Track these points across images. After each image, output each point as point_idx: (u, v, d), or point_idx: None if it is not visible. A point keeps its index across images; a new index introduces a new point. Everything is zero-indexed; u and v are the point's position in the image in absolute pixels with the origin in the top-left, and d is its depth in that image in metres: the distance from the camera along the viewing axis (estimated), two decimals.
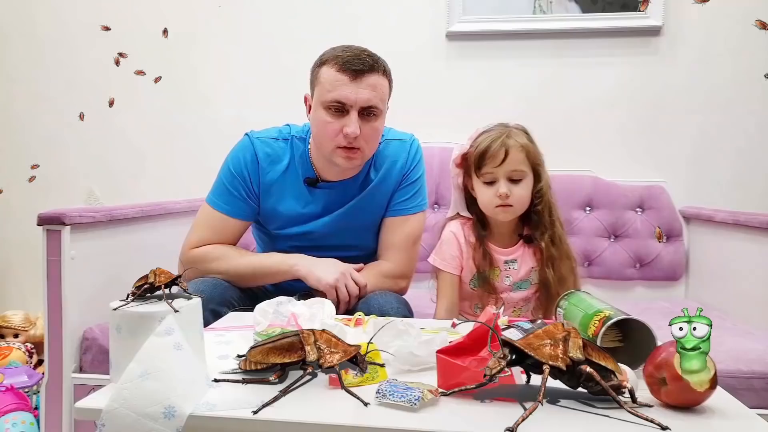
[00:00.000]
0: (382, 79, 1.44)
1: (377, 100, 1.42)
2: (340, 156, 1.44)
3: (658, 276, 2.15)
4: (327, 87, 1.41)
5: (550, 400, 0.80)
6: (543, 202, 1.47)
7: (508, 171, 1.42)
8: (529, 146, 1.45)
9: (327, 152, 1.46)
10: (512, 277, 1.49)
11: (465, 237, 1.51)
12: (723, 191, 2.23)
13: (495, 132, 1.45)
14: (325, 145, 1.45)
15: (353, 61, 1.39)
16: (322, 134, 1.45)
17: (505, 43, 2.33)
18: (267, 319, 1.17)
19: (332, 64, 1.41)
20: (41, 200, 2.51)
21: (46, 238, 1.58)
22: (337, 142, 1.42)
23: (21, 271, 2.62)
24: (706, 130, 2.25)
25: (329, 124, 1.42)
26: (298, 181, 1.54)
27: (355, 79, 1.39)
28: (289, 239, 1.57)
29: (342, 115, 1.41)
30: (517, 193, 1.42)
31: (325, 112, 1.42)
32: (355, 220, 1.56)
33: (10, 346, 2.24)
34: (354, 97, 1.39)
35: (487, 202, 1.44)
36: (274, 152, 1.55)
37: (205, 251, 1.53)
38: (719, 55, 2.22)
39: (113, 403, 0.77)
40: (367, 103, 1.41)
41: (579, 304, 1.02)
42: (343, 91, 1.39)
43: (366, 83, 1.40)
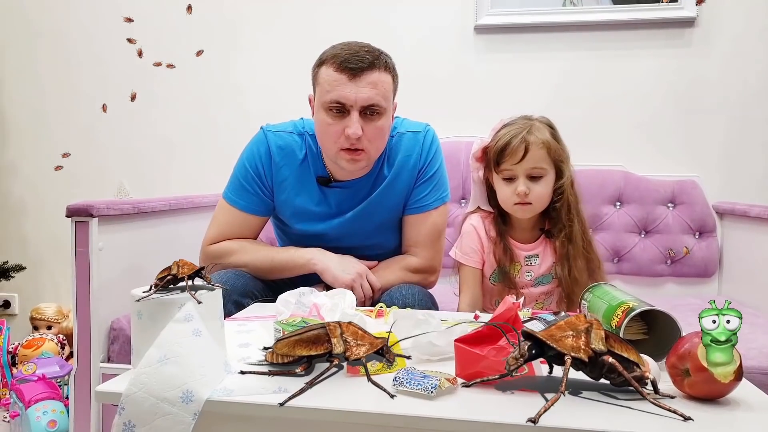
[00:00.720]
0: (383, 75, 1.38)
1: (379, 98, 1.37)
2: (344, 158, 1.41)
3: (690, 273, 2.10)
4: (326, 87, 1.37)
5: (572, 391, 0.78)
6: (562, 200, 1.42)
7: (527, 168, 1.37)
8: (551, 143, 1.39)
9: (331, 154, 1.43)
10: (533, 272, 1.46)
11: (486, 231, 1.48)
12: (758, 186, 2.17)
13: (516, 126, 1.40)
14: (329, 147, 1.42)
15: (351, 59, 1.34)
16: (325, 136, 1.42)
17: (534, 36, 2.30)
18: (289, 309, 1.17)
19: (330, 63, 1.37)
20: (74, 194, 2.57)
21: (74, 229, 1.61)
22: (340, 144, 1.39)
23: (55, 264, 2.68)
24: (740, 124, 2.19)
25: (330, 126, 1.38)
26: (311, 179, 1.52)
27: (354, 77, 1.34)
28: (304, 238, 1.56)
29: (343, 116, 1.37)
30: (537, 192, 1.38)
31: (326, 114, 1.38)
32: (369, 219, 1.53)
33: (42, 337, 2.30)
34: (354, 97, 1.35)
35: (506, 199, 1.41)
36: (287, 145, 1.52)
37: (223, 246, 1.53)
38: (754, 47, 2.16)
39: (132, 387, 0.78)
40: (367, 102, 1.36)
41: (603, 296, 1.00)
42: (342, 91, 1.35)
43: (366, 81, 1.35)
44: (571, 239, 1.42)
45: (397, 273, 1.51)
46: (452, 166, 2.18)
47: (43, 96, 2.66)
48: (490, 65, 2.33)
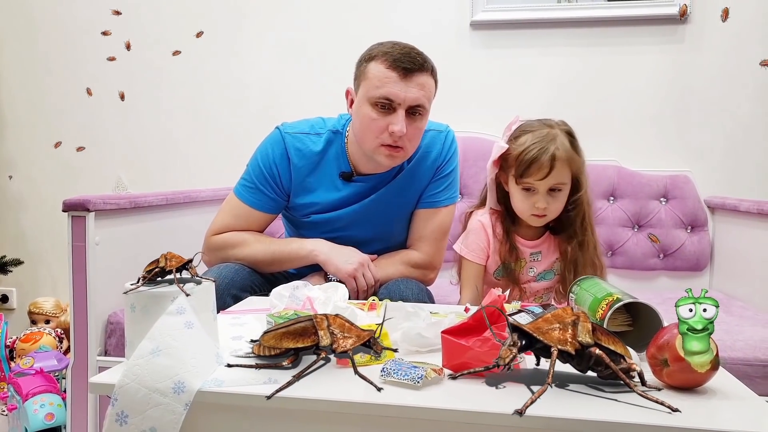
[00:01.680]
0: (430, 79, 1.42)
1: (425, 99, 1.40)
2: (383, 154, 1.42)
3: (682, 266, 2.12)
4: (375, 83, 1.38)
5: (559, 383, 0.79)
6: (577, 210, 1.42)
7: (550, 184, 1.36)
8: (574, 157, 1.37)
9: (370, 148, 1.44)
10: (536, 268, 1.47)
11: (493, 228, 1.48)
12: (750, 181, 2.18)
13: (540, 137, 1.36)
14: (369, 141, 1.43)
15: (404, 59, 1.37)
16: (367, 130, 1.42)
17: (529, 32, 2.31)
18: (282, 302, 1.19)
19: (382, 60, 1.38)
20: (72, 188, 2.59)
21: (71, 224, 1.63)
22: (382, 139, 1.40)
23: (53, 258, 2.70)
24: (732, 119, 2.20)
25: (375, 121, 1.39)
26: (333, 175, 1.53)
27: (405, 77, 1.37)
28: (315, 226, 1.57)
29: (389, 112, 1.38)
30: (554, 207, 1.38)
31: (372, 108, 1.39)
32: (383, 209, 1.54)
33: (41, 331, 2.31)
34: (403, 95, 1.37)
35: (523, 209, 1.40)
36: (306, 147, 1.53)
37: (227, 237, 1.54)
38: (745, 43, 2.17)
39: (125, 379, 0.79)
40: (415, 102, 1.38)
41: (590, 289, 1.02)
42: (393, 89, 1.37)
43: (416, 82, 1.38)
44: (582, 246, 1.42)
45: (397, 266, 1.53)
46: None
47: (41, 90, 2.67)
48: (486, 61, 2.34)
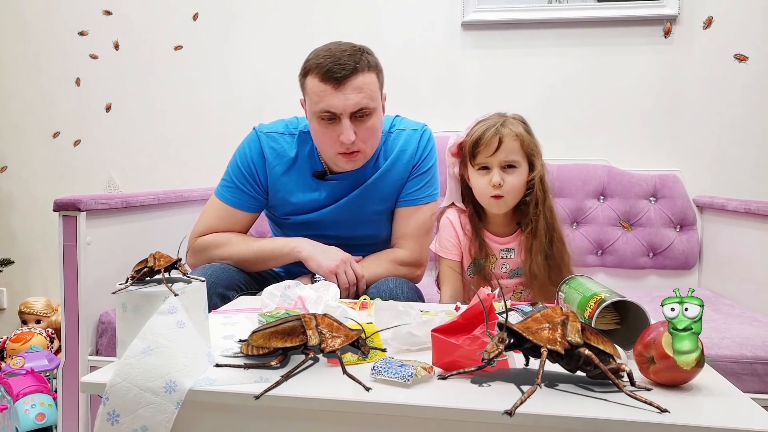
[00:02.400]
0: (367, 76, 1.41)
1: (366, 100, 1.40)
2: (342, 160, 1.47)
3: (671, 265, 2.13)
4: (315, 99, 1.40)
5: (549, 383, 0.79)
6: (533, 194, 1.44)
7: (501, 160, 1.40)
8: (524, 136, 1.42)
9: (329, 157, 1.49)
10: (509, 264, 1.49)
11: (462, 225, 1.51)
12: (738, 180, 2.21)
13: (490, 120, 1.44)
14: (326, 151, 1.48)
15: (334, 68, 1.37)
16: (320, 143, 1.48)
17: (520, 33, 2.32)
18: (274, 302, 1.19)
19: (315, 74, 1.39)
20: (63, 188, 2.58)
21: (62, 223, 1.62)
22: (336, 149, 1.44)
23: (43, 258, 2.69)
24: (720, 120, 2.22)
25: (324, 134, 1.43)
26: (307, 175, 1.56)
27: (339, 86, 1.37)
28: (297, 227, 1.59)
29: (334, 123, 1.41)
30: (510, 183, 1.40)
31: (318, 123, 1.43)
32: (362, 207, 1.56)
33: (31, 331, 2.31)
34: (342, 105, 1.38)
35: (481, 191, 1.43)
36: (280, 147, 1.56)
37: (211, 238, 1.57)
38: (734, 44, 2.19)
39: (117, 378, 0.79)
40: (356, 108, 1.39)
41: (578, 288, 1.03)
42: (330, 101, 1.38)
43: (351, 88, 1.38)
44: (535, 234, 1.43)
45: (384, 265, 1.54)
46: (439, 162, 2.20)
47: (32, 90, 2.66)
48: (477, 61, 2.36)
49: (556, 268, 1.44)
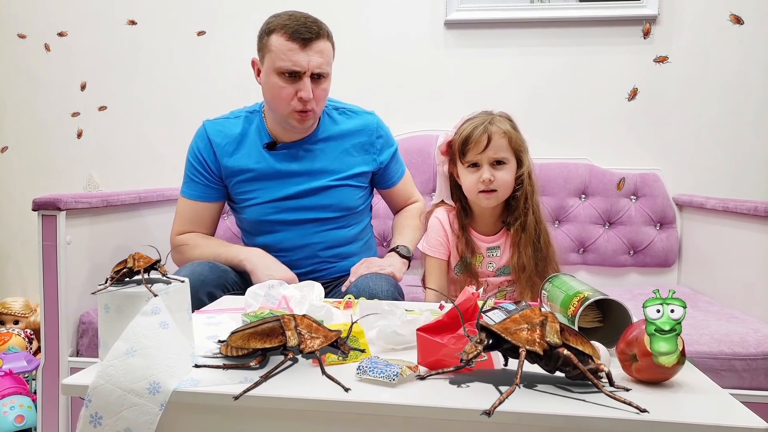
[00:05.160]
0: (327, 44, 1.54)
1: (326, 65, 1.53)
2: (295, 118, 1.55)
3: (652, 263, 2.16)
4: (280, 55, 1.50)
5: (527, 384, 0.80)
6: (521, 189, 1.49)
7: (491, 157, 1.44)
8: (512, 133, 1.47)
9: (282, 115, 1.56)
10: (495, 263, 1.51)
11: (450, 224, 1.53)
12: (717, 179, 2.24)
13: (478, 118, 1.48)
14: (281, 108, 1.55)
15: (302, 30, 1.49)
16: (278, 98, 1.54)
17: (503, 32, 2.33)
18: (258, 301, 1.19)
19: (281, 33, 1.50)
20: (41, 186, 2.54)
21: (41, 223, 1.60)
22: (292, 106, 1.53)
23: (21, 258, 2.64)
24: (699, 119, 2.25)
25: (284, 89, 1.52)
26: (258, 148, 1.64)
27: (306, 46, 1.49)
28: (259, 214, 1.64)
29: (295, 80, 1.51)
30: (501, 178, 1.44)
31: (279, 78, 1.52)
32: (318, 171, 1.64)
33: (9, 332, 2.27)
34: (306, 64, 1.49)
35: (471, 187, 1.46)
36: (227, 129, 1.66)
37: (184, 240, 1.66)
38: (713, 44, 2.22)
39: (99, 380, 0.79)
40: (318, 69, 1.51)
41: (561, 286, 1.04)
42: (296, 59, 1.49)
43: (315, 50, 1.50)
44: (524, 228, 1.48)
45: (415, 221, 1.74)
46: (423, 160, 2.22)
47: (8, 87, 2.61)
48: (460, 60, 2.36)
49: (543, 260, 1.48)
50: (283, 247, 1.65)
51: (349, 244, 1.69)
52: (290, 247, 1.65)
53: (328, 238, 1.64)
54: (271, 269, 1.51)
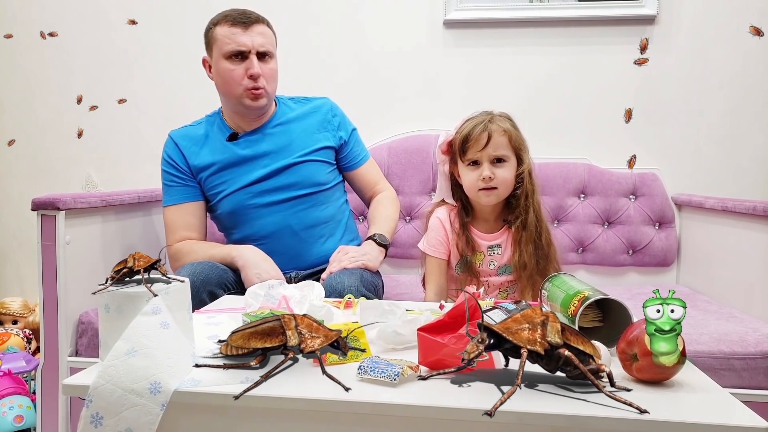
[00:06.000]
0: (267, 28, 1.68)
1: (269, 45, 1.66)
2: (248, 97, 1.64)
3: (651, 262, 2.16)
4: (226, 41, 1.62)
5: (529, 384, 0.80)
6: (522, 187, 1.49)
7: (491, 155, 1.45)
8: (512, 131, 1.48)
9: (235, 97, 1.65)
10: (496, 261, 1.51)
11: (451, 223, 1.54)
12: (715, 178, 2.24)
13: (478, 118, 1.49)
14: (234, 90, 1.64)
15: (241, 17, 1.63)
16: (230, 81, 1.64)
17: (502, 32, 2.33)
18: (258, 301, 1.19)
19: (224, 22, 1.64)
20: (40, 186, 2.54)
21: (40, 223, 1.60)
22: (244, 84, 1.63)
23: (20, 257, 2.64)
24: (698, 118, 2.25)
25: (234, 71, 1.63)
26: (221, 142, 1.72)
27: (247, 29, 1.62)
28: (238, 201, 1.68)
29: (242, 60, 1.63)
30: (501, 176, 1.45)
31: (228, 62, 1.63)
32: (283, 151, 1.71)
33: (8, 332, 2.27)
34: (250, 43, 1.62)
35: (472, 185, 1.47)
36: (191, 134, 1.76)
37: (179, 248, 1.70)
38: (711, 44, 2.23)
39: (100, 380, 0.79)
40: (262, 47, 1.63)
41: (561, 286, 1.04)
42: (240, 40, 1.61)
43: (256, 31, 1.63)
44: (525, 226, 1.49)
45: (392, 208, 1.80)
46: (422, 159, 2.22)
47: (7, 87, 2.61)
48: (459, 60, 2.36)
49: (544, 259, 1.48)
50: (264, 233, 1.68)
51: (326, 223, 1.73)
52: (270, 233, 1.68)
53: (304, 218, 1.69)
54: (259, 267, 1.54)
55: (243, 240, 1.69)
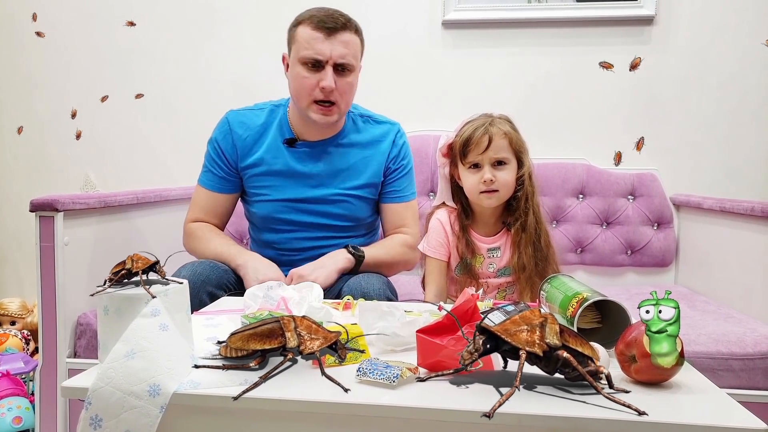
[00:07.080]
0: (354, 36, 1.53)
1: (350, 56, 1.52)
2: (316, 111, 1.53)
3: (649, 262, 2.17)
4: (304, 44, 1.50)
5: (527, 385, 0.80)
6: (523, 190, 1.50)
7: (492, 157, 1.45)
8: (512, 134, 1.48)
9: (304, 107, 1.54)
10: (496, 264, 1.52)
11: (451, 225, 1.54)
12: (714, 179, 2.24)
13: (479, 120, 1.49)
14: (303, 99, 1.53)
15: (327, 20, 1.49)
16: (300, 89, 1.53)
17: (500, 32, 2.34)
18: (257, 303, 1.19)
19: (308, 23, 1.50)
20: (38, 186, 2.54)
21: (39, 224, 1.59)
22: (314, 96, 1.51)
23: (18, 258, 2.64)
24: (697, 119, 2.26)
25: (306, 79, 1.51)
26: (277, 143, 1.62)
27: (330, 36, 1.49)
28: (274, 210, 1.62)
29: (318, 70, 1.50)
30: (502, 178, 1.45)
31: (302, 68, 1.51)
32: (334, 178, 1.62)
33: (6, 333, 2.26)
34: (329, 53, 1.49)
35: (472, 187, 1.47)
36: (249, 119, 1.65)
37: (194, 229, 1.66)
38: (709, 45, 2.23)
39: (99, 382, 0.79)
40: (341, 59, 1.50)
41: (560, 287, 1.04)
42: (319, 47, 1.49)
43: (339, 40, 1.49)
44: (525, 228, 1.49)
45: (397, 249, 1.64)
46: (420, 160, 2.22)
47: (6, 87, 2.61)
48: (458, 60, 2.36)
49: (543, 261, 1.49)
50: (289, 247, 1.64)
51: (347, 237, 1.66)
52: (295, 249, 1.64)
53: (334, 245, 1.60)
54: (258, 272, 1.48)
55: (267, 244, 1.65)
